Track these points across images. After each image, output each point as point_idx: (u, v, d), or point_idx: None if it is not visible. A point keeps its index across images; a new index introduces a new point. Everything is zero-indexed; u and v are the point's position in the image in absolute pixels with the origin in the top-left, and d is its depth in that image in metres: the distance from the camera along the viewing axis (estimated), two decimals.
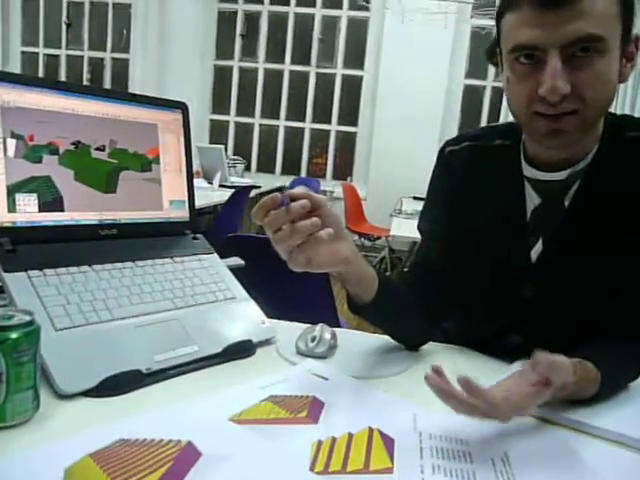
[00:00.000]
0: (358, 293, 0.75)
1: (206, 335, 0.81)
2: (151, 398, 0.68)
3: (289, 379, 0.76)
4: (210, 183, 3.78)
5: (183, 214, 1.00)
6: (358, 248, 0.73)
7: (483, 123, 5.07)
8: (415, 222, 1.02)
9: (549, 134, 0.74)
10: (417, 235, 1.00)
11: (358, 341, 0.91)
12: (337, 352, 0.86)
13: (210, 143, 5.37)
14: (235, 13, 5.54)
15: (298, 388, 0.73)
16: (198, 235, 1.01)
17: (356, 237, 4.64)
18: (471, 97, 5.19)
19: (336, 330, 0.89)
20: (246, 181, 4.23)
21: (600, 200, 0.80)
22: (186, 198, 1.01)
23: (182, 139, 1.01)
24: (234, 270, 1.00)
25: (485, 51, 2.06)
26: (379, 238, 4.64)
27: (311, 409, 0.67)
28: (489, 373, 0.83)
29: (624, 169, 0.80)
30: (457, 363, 0.88)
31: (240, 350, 0.82)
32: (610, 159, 0.80)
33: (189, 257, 0.94)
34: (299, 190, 0.65)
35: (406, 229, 2.91)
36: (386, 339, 0.90)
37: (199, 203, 3.11)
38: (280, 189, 3.89)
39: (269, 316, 0.93)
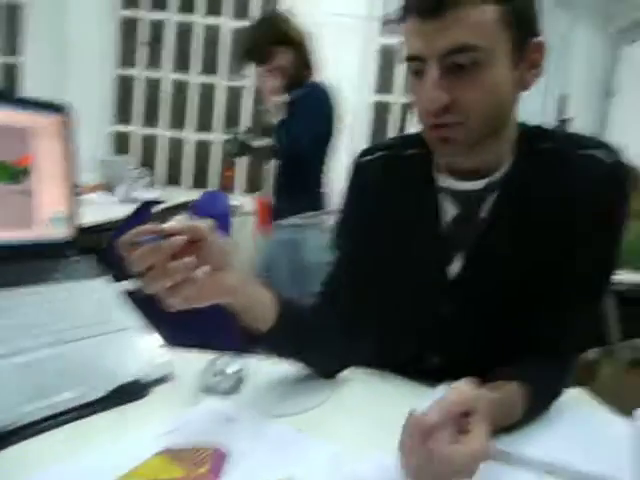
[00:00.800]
0: (252, 323, 0.67)
1: (89, 376, 0.68)
2: (15, 462, 0.55)
3: (189, 424, 0.65)
4: (113, 197, 3.55)
5: (64, 232, 0.86)
6: None
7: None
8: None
9: (438, 143, 0.73)
10: None
11: (270, 371, 0.82)
12: (246, 386, 0.76)
13: (114, 155, 5.07)
14: (138, 21, 5.31)
15: (200, 434, 0.62)
16: (84, 256, 0.88)
17: None
18: (380, 112, 5.26)
19: (245, 359, 0.79)
20: (150, 195, 4.01)
21: (517, 211, 0.77)
22: (69, 214, 0.88)
23: (63, 146, 0.87)
24: (131, 293, 0.87)
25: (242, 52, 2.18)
26: None
27: (214, 461, 0.57)
28: (412, 399, 0.77)
29: (538, 180, 0.77)
30: (378, 390, 0.81)
31: (131, 392, 0.70)
32: (525, 170, 0.77)
33: (71, 282, 0.81)
34: (176, 223, 0.57)
35: None
36: (301, 367, 0.81)
37: (99, 218, 2.87)
38: (185, 204, 3.73)
39: (171, 344, 0.82)
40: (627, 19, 4.18)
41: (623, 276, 2.33)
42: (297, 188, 2.07)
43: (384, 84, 5.09)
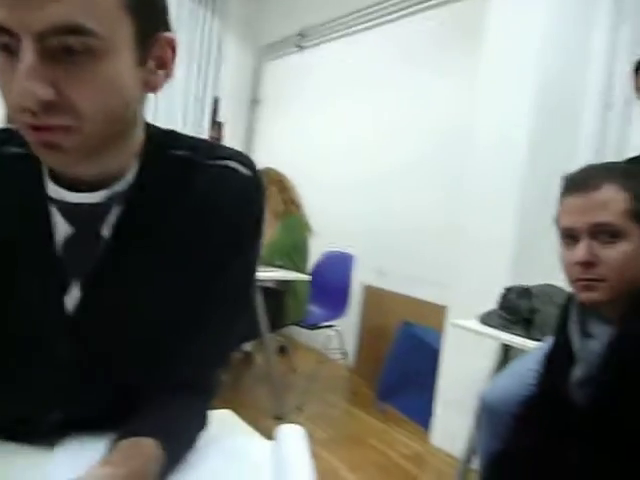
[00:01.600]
0: None
1: None
2: None
3: None
4: None
5: None
6: None
7: None
8: None
9: (43, 149, 0.54)
10: None
11: None
12: None
13: None
14: None
15: None
16: None
17: None
18: None
19: None
20: None
21: (144, 228, 0.65)
22: None
23: None
24: None
25: None
26: None
27: None
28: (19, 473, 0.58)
29: (168, 191, 0.66)
30: None
31: None
32: (153, 179, 0.66)
33: None
34: None
35: None
36: None
37: None
38: None
39: None
40: (269, 38, 4.62)
41: (266, 273, 2.52)
42: None
43: None
